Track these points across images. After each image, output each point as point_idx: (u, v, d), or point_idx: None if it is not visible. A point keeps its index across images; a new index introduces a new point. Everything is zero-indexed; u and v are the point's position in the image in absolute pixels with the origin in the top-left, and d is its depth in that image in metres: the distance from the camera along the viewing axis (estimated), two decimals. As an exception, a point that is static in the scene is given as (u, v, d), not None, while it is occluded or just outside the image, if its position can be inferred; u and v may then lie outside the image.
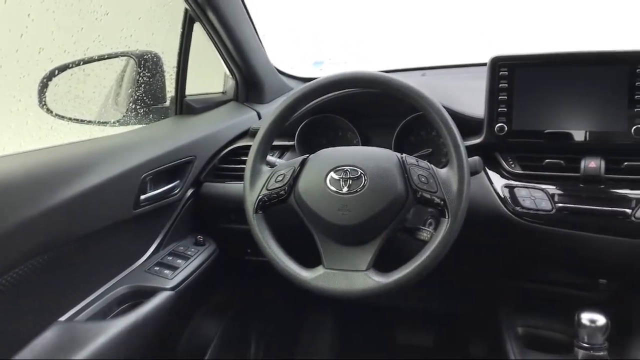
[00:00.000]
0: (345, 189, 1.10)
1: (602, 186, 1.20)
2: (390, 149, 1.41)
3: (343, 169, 1.12)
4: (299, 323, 2.05)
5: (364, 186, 1.10)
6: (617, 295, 1.33)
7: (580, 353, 1.13)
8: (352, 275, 1.08)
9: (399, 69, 1.98)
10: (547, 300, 1.40)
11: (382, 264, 1.10)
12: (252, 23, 1.64)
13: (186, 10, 1.51)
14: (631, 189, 1.18)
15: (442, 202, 1.08)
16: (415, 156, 1.26)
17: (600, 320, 1.12)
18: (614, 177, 1.20)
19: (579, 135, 1.23)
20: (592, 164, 1.19)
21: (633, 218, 1.14)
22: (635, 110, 1.16)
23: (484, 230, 1.31)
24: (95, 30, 1.35)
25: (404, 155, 1.15)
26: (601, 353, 1.12)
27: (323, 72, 1.26)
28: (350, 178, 1.11)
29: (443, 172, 1.12)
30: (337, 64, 2.46)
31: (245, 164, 1.21)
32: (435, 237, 1.08)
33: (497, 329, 1.41)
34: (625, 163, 1.19)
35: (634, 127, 1.16)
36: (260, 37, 1.71)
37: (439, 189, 1.09)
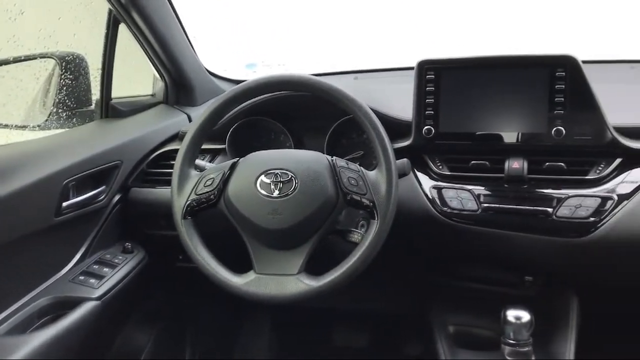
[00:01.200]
0: (275, 193, 1.10)
1: (525, 186, 1.24)
2: (323, 151, 1.42)
3: (274, 173, 1.11)
4: (235, 328, 2.02)
5: (294, 189, 1.09)
6: (543, 291, 1.37)
7: (507, 350, 1.16)
8: (283, 280, 1.08)
9: (333, 72, 1.99)
10: (477, 299, 1.43)
11: (315, 267, 1.10)
12: (181, 24, 1.61)
13: (110, 10, 1.46)
14: (552, 189, 1.22)
15: (371, 204, 1.09)
16: (347, 159, 1.26)
17: (525, 316, 1.15)
18: (536, 177, 1.24)
19: (503, 137, 1.26)
20: (515, 164, 1.23)
21: (554, 217, 1.18)
22: (555, 112, 1.20)
23: (415, 230, 1.33)
24: (9, 30, 1.28)
25: (334, 158, 1.15)
26: (526, 349, 1.15)
27: (256, 74, 1.25)
28: (280, 181, 1.10)
29: (372, 174, 1.13)
30: (270, 66, 2.44)
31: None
32: (364, 239, 1.08)
33: (429, 329, 1.43)
34: (547, 163, 1.24)
35: (554, 129, 1.20)
36: (190, 38, 1.67)
37: (368, 191, 1.10)
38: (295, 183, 1.10)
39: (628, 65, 1.79)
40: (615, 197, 1.17)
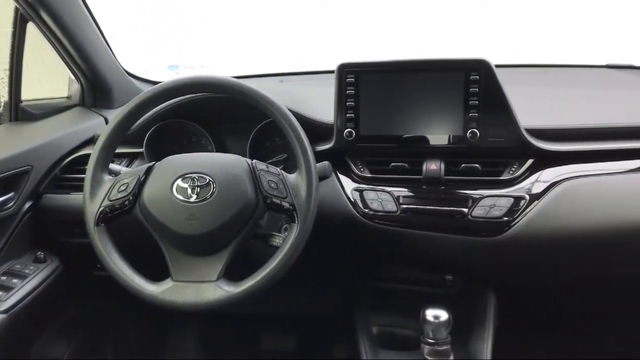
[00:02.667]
0: (193, 198, 1.07)
1: (443, 187, 1.26)
2: (246, 154, 1.40)
3: (191, 177, 1.09)
4: (160, 337, 1.96)
5: (212, 194, 1.07)
6: (463, 290, 1.40)
7: (426, 349, 1.18)
8: (201, 287, 1.05)
9: (258, 75, 1.97)
10: (401, 299, 1.45)
11: (237, 273, 1.08)
12: (96, 23, 1.55)
13: (17, 8, 1.38)
14: (468, 189, 1.25)
15: (291, 207, 1.09)
16: (270, 162, 1.25)
17: (443, 315, 1.17)
18: (453, 179, 1.27)
19: (421, 139, 1.28)
20: (432, 166, 1.25)
21: (469, 217, 1.21)
22: (470, 115, 1.23)
23: (337, 233, 1.33)
24: None
25: (254, 161, 1.14)
26: (445, 347, 1.17)
27: (178, 76, 1.21)
28: (198, 186, 1.08)
29: (292, 177, 1.12)
30: (193, 67, 2.40)
31: None
32: (284, 243, 1.08)
33: (354, 330, 1.44)
34: (463, 165, 1.27)
35: (469, 131, 1.23)
36: (106, 38, 1.61)
37: (288, 194, 1.09)
38: (213, 187, 1.08)
39: (542, 70, 1.87)
40: (527, 197, 1.21)
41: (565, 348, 1.63)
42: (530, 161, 1.26)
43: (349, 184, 1.32)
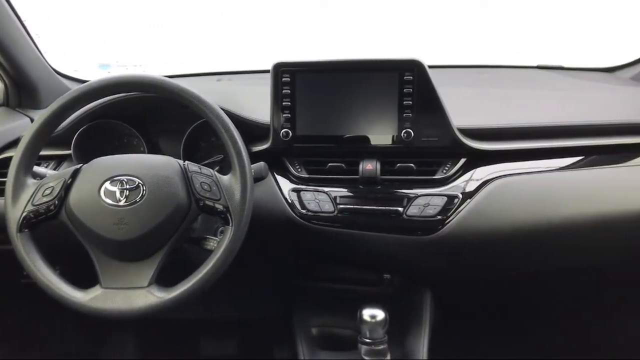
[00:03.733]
0: (122, 201, 1.04)
1: (379, 187, 1.27)
2: (180, 156, 1.37)
3: (119, 180, 1.05)
4: (97, 343, 1.90)
5: (142, 197, 1.04)
6: (400, 289, 1.42)
7: (363, 349, 1.18)
8: (131, 293, 1.02)
9: (195, 74, 1.93)
10: (340, 299, 1.45)
11: (171, 278, 1.05)
12: (20, 20, 1.47)
13: None
14: (403, 189, 1.26)
15: (225, 210, 1.06)
16: (206, 163, 1.23)
17: (380, 315, 1.18)
18: (389, 178, 1.28)
19: (357, 139, 1.28)
20: (369, 166, 1.26)
21: (404, 216, 1.23)
22: (404, 115, 1.25)
23: (274, 234, 1.32)
24: None
25: (186, 162, 1.11)
26: (381, 347, 1.18)
27: (110, 74, 1.16)
28: (127, 189, 1.04)
29: (226, 179, 1.10)
30: (126, 66, 2.32)
31: None
32: (219, 246, 1.06)
33: (292, 332, 1.43)
34: (398, 164, 1.28)
35: (404, 131, 1.25)
36: (32, 36, 1.54)
37: (222, 196, 1.07)
38: (143, 190, 1.04)
39: (477, 70, 1.91)
40: (460, 195, 1.23)
41: (501, 343, 1.68)
42: (462, 160, 1.28)
43: (286, 185, 1.31)
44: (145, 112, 1.41)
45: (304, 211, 1.27)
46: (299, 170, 1.32)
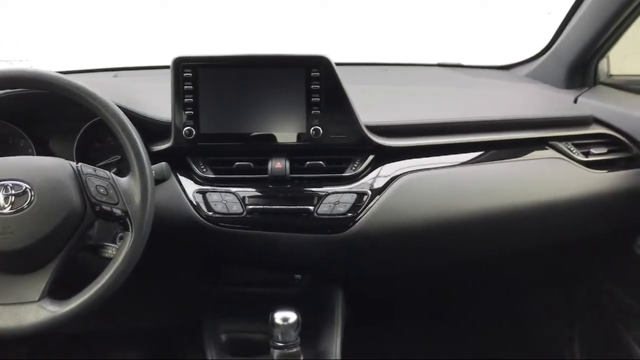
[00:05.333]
0: (7, 208, 0.95)
1: (289, 185, 1.24)
2: (73, 157, 1.27)
3: (4, 185, 0.96)
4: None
5: (30, 203, 0.95)
6: (312, 289, 1.40)
7: (276, 353, 1.16)
8: (20, 309, 0.94)
9: (89, 70, 1.81)
10: (250, 302, 1.41)
11: (67, 290, 0.98)
12: None
13: None
14: (313, 187, 1.24)
15: (124, 214, 1.00)
16: (101, 165, 1.15)
17: (292, 317, 1.15)
18: (299, 176, 1.25)
19: (265, 137, 1.24)
20: (278, 164, 1.22)
21: (315, 214, 1.20)
22: (312, 112, 1.22)
23: (179, 238, 1.26)
24: None
25: (79, 164, 1.03)
26: (294, 350, 1.16)
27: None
28: (12, 195, 0.95)
29: (124, 181, 1.04)
30: (10, 62, 2.14)
31: None
32: (118, 254, 0.99)
33: (202, 338, 1.37)
34: (308, 162, 1.25)
35: (312, 128, 1.22)
36: None
37: (120, 200, 1.01)
38: (31, 196, 0.96)
39: (380, 68, 1.93)
40: (370, 192, 1.23)
41: (414, 338, 1.71)
42: (371, 157, 1.28)
43: (190, 186, 1.25)
44: (34, 111, 1.30)
45: (211, 213, 1.21)
46: (204, 170, 1.26)
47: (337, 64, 1.23)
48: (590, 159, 1.37)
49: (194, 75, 1.21)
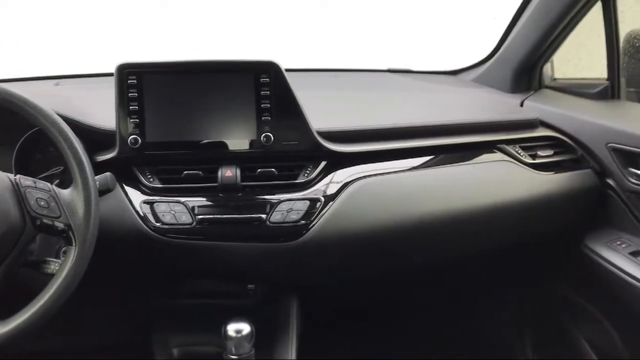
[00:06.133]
0: None
1: (240, 194, 1.21)
2: (11, 169, 1.21)
3: None
4: None
5: None
6: (266, 298, 1.37)
7: (229, 365, 1.13)
8: None
9: (28, 77, 1.74)
10: (202, 315, 1.37)
11: (8, 308, 0.94)
12: None
13: None
14: (265, 195, 1.22)
15: (66, 228, 0.96)
16: (42, 177, 1.10)
17: (246, 329, 1.13)
18: (250, 184, 1.22)
19: (215, 145, 1.22)
20: (228, 172, 1.19)
21: (268, 222, 1.18)
22: (263, 118, 1.20)
23: (127, 251, 1.22)
24: None
25: (17, 176, 0.98)
26: (248, 361, 1.13)
27: None
28: None
29: (66, 193, 0.99)
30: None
31: None
32: (61, 270, 0.95)
33: (152, 353, 1.33)
34: (259, 170, 1.23)
35: (263, 135, 1.20)
36: None
37: (62, 213, 0.96)
38: None
39: (331, 74, 1.93)
40: (322, 199, 1.22)
41: (372, 345, 1.70)
42: (323, 163, 1.26)
43: (137, 197, 1.20)
44: None
45: (159, 224, 1.17)
46: (151, 180, 1.22)
47: (287, 70, 1.22)
48: (537, 161, 1.41)
49: (139, 82, 1.18)
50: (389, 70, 1.94)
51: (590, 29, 1.59)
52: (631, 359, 1.43)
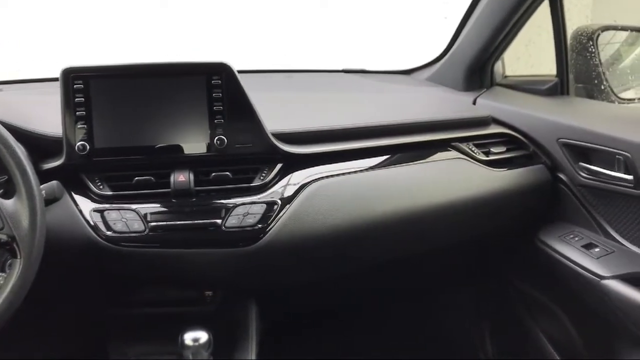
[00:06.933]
0: None
1: (194, 199, 1.18)
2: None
3: None
4: None
5: None
6: (224, 305, 1.35)
7: (188, 375, 1.10)
8: None
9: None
10: (159, 324, 1.33)
11: None
12: None
13: None
14: (220, 199, 1.19)
15: (10, 240, 0.92)
16: (-17, 187, 1.05)
17: (203, 337, 1.11)
18: (204, 189, 1.20)
19: (166, 149, 1.18)
20: (181, 177, 1.16)
21: (223, 227, 1.15)
22: (215, 121, 1.18)
23: (78, 261, 1.18)
24: None
25: None
26: (207, 370, 1.11)
27: None
28: None
29: (10, 203, 0.95)
30: None
31: None
32: (6, 284, 0.91)
33: None
34: (213, 174, 1.20)
35: (216, 138, 1.18)
36: None
37: (5, 225, 0.92)
38: None
39: (285, 75, 1.91)
40: (279, 201, 1.20)
41: (333, 346, 1.69)
42: (279, 165, 1.25)
43: (86, 205, 1.16)
44: None
45: (110, 233, 1.13)
46: (101, 187, 1.18)
47: (240, 71, 1.20)
48: (491, 158, 1.42)
49: (86, 87, 1.14)
50: (344, 71, 1.94)
51: (539, 25, 1.62)
52: (585, 349, 1.46)
